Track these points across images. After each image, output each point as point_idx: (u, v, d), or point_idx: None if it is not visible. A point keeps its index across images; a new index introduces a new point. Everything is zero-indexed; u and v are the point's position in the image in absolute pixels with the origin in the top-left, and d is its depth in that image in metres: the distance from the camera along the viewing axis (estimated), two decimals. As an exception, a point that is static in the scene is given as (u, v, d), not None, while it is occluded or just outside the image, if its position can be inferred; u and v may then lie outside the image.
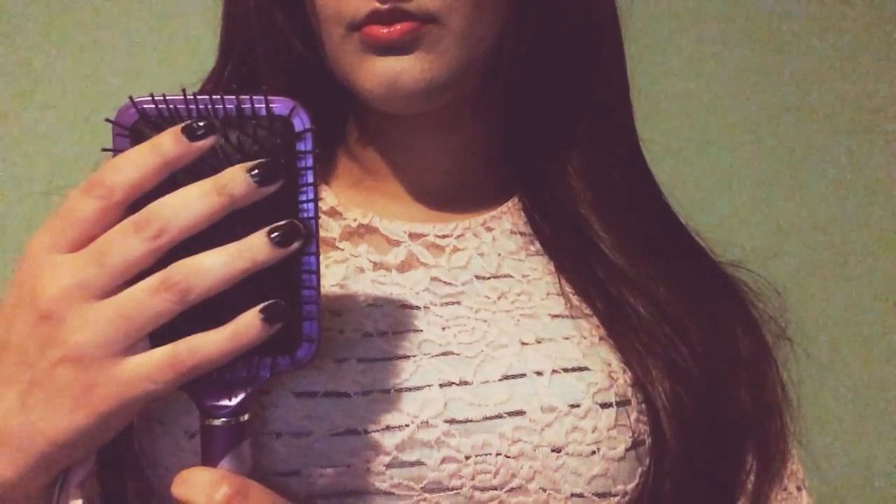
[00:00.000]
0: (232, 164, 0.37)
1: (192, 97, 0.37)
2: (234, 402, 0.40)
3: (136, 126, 0.37)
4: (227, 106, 0.37)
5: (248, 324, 0.37)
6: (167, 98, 0.37)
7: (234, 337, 0.36)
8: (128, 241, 0.35)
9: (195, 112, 0.37)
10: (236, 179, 0.36)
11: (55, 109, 0.95)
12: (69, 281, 0.36)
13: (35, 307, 0.36)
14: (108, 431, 0.38)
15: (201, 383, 0.39)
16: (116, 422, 0.38)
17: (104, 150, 0.38)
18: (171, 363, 0.36)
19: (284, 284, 0.38)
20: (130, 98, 0.37)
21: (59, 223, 0.36)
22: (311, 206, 0.38)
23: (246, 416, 0.41)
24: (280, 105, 0.38)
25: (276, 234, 0.36)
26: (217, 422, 0.40)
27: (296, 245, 0.37)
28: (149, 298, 0.35)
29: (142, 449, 0.49)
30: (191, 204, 0.36)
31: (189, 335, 0.37)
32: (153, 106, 0.37)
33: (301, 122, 0.38)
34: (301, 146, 0.38)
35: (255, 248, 0.36)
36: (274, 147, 0.38)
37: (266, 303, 0.37)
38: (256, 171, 0.36)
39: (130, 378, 0.36)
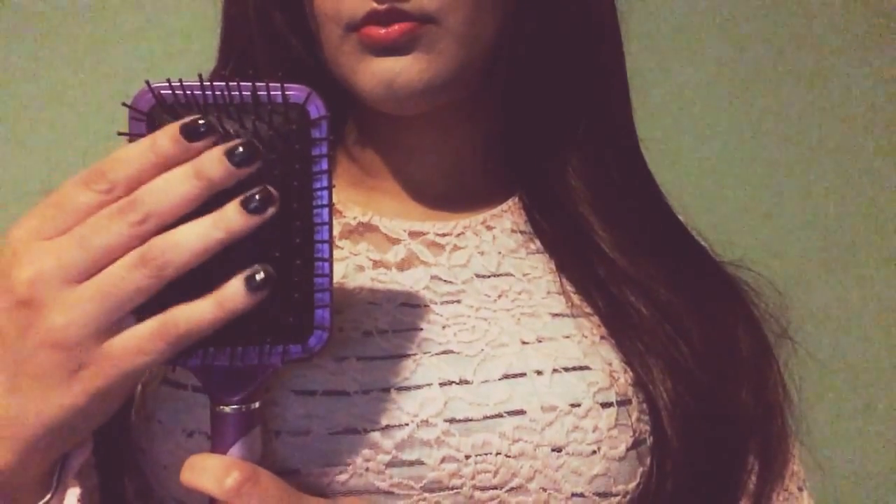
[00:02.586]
0: None
1: (208, 83, 0.37)
2: (246, 389, 0.40)
3: (152, 111, 0.37)
4: (244, 92, 0.37)
5: (233, 291, 0.36)
6: (184, 83, 0.37)
7: (220, 304, 0.36)
8: (112, 226, 0.35)
9: (211, 98, 0.37)
10: (213, 165, 0.36)
11: (54, 110, 0.95)
12: (50, 265, 0.35)
13: (13, 293, 0.36)
14: (102, 410, 0.38)
15: (213, 370, 0.39)
16: (110, 400, 0.38)
17: (120, 133, 0.38)
18: (160, 333, 0.36)
19: (296, 271, 0.39)
20: (147, 83, 0.37)
21: (52, 212, 0.36)
22: (324, 193, 0.38)
23: (257, 404, 0.41)
24: (296, 92, 0.38)
25: (250, 202, 0.36)
26: (228, 409, 0.40)
27: (270, 211, 0.36)
28: (128, 275, 0.35)
29: (140, 448, 0.49)
30: (172, 188, 0.36)
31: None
32: (170, 91, 0.37)
33: (316, 109, 0.38)
34: (316, 133, 0.38)
35: (228, 217, 0.36)
36: (289, 133, 0.38)
37: (250, 269, 0.37)
38: (234, 152, 0.36)
39: (119, 354, 0.36)
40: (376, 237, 0.53)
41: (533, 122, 0.56)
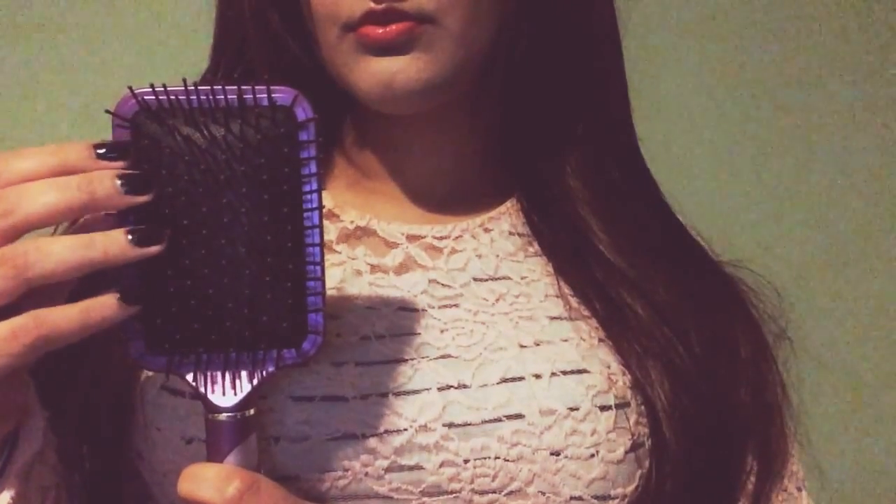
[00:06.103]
0: (234, 154, 0.37)
1: (192, 87, 0.37)
2: (240, 396, 0.39)
3: (136, 117, 0.37)
4: (229, 96, 0.37)
5: (102, 302, 0.35)
6: (168, 89, 0.37)
7: (85, 312, 0.35)
8: None
9: (196, 102, 0.37)
10: (103, 182, 0.35)
11: (53, 110, 0.94)
12: None
13: None
14: None
15: (206, 378, 0.39)
16: None
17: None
18: (14, 334, 0.34)
19: (288, 276, 0.38)
20: (130, 89, 0.37)
21: None
22: (314, 196, 0.38)
23: (252, 411, 0.40)
24: (282, 95, 0.38)
25: (136, 232, 0.35)
26: (223, 417, 0.39)
27: (154, 249, 0.36)
28: None
29: (139, 455, 0.48)
30: (49, 191, 0.34)
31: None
32: (153, 97, 0.37)
33: (303, 111, 0.38)
34: (304, 136, 0.38)
35: (110, 240, 0.35)
36: (276, 136, 0.37)
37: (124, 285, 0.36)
38: (125, 179, 0.35)
39: None
40: (374, 241, 0.53)
41: (531, 123, 0.55)
